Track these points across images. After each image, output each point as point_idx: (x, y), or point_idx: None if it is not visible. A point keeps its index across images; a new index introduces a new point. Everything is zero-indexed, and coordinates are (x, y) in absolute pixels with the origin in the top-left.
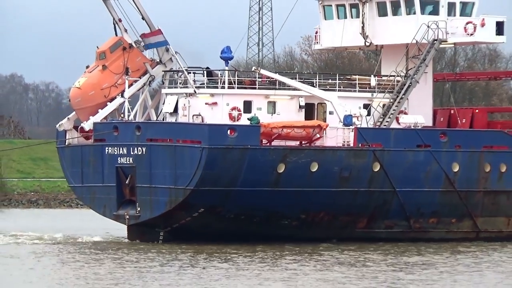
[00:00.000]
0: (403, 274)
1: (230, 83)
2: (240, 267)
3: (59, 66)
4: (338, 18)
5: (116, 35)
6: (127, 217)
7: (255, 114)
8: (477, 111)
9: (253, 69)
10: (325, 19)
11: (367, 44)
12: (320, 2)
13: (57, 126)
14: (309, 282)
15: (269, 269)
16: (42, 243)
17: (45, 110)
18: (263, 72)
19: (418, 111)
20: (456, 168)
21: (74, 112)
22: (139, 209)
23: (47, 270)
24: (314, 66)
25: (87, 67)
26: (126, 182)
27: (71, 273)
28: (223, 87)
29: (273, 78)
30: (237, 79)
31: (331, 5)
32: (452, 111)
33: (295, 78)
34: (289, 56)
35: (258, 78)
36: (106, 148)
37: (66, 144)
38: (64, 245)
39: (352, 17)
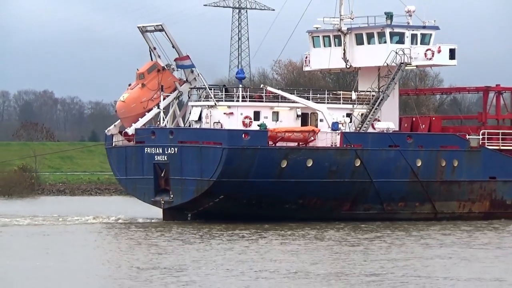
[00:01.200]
0: (353, 247)
1: (243, 97)
2: (253, 239)
3: (81, 84)
4: (324, 46)
5: (152, 60)
6: (163, 202)
7: (263, 122)
8: (433, 118)
9: (261, 87)
10: (314, 47)
11: (348, 66)
12: (310, 34)
13: (106, 131)
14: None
15: (267, 243)
16: (89, 224)
17: (70, 119)
18: (269, 89)
19: (388, 119)
20: (419, 163)
21: (119, 120)
22: (172, 196)
23: (110, 244)
24: (281, 83)
25: (129, 85)
26: (162, 175)
27: (132, 245)
28: (237, 100)
29: (276, 93)
30: (248, 94)
31: (318, 36)
32: (414, 119)
33: (294, 93)
34: (262, 76)
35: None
36: (145, 148)
37: (113, 145)
38: (113, 225)
39: (335, 46)
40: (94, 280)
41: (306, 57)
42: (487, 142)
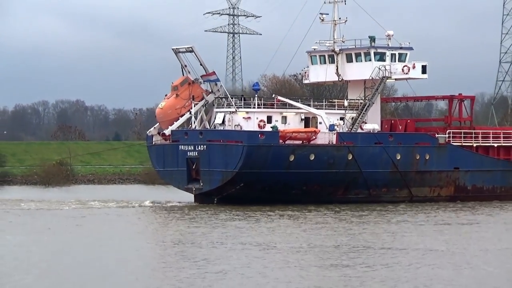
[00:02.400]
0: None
1: (258, 105)
2: (267, 219)
3: (107, 94)
4: (321, 63)
5: (183, 75)
6: (194, 189)
7: (274, 124)
8: (409, 121)
9: (272, 96)
10: (312, 64)
11: (340, 80)
12: (308, 53)
13: (147, 132)
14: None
15: (278, 223)
16: (127, 207)
17: (97, 123)
18: (279, 98)
19: (373, 122)
20: (398, 157)
21: (158, 124)
22: (202, 184)
23: (155, 224)
24: (267, 93)
25: (166, 95)
26: (193, 167)
27: (173, 224)
28: (254, 107)
29: (284, 101)
30: (262, 102)
31: (316, 55)
32: (392, 121)
33: (298, 101)
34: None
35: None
36: (180, 146)
37: (153, 143)
38: (151, 208)
39: (330, 63)
40: (160, 246)
41: (306, 72)
42: (452, 140)
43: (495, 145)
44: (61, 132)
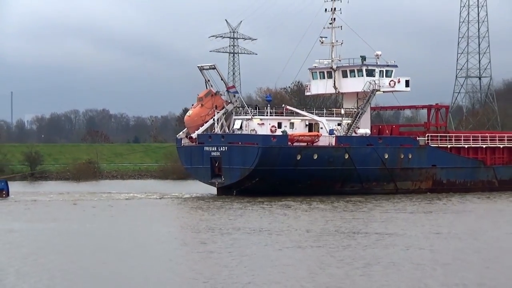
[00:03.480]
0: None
1: (270, 113)
2: (279, 208)
3: (127, 104)
4: (320, 78)
5: (207, 88)
6: (217, 183)
7: (284, 129)
8: (394, 126)
9: (282, 106)
10: (313, 79)
11: (337, 92)
12: (310, 70)
13: (177, 135)
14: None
15: (287, 211)
16: (157, 199)
17: (120, 128)
18: (288, 107)
19: (365, 127)
20: (386, 156)
21: (185, 128)
22: (223, 179)
23: (186, 213)
24: (262, 102)
25: (193, 104)
26: (216, 165)
27: (202, 213)
28: (266, 115)
29: (292, 110)
30: (274, 111)
31: (316, 71)
32: (380, 126)
33: (303, 110)
34: (249, 98)
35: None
36: (205, 147)
37: (182, 145)
38: (178, 199)
39: (328, 78)
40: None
41: (307, 86)
42: (430, 142)
43: (466, 146)
44: (90, 136)
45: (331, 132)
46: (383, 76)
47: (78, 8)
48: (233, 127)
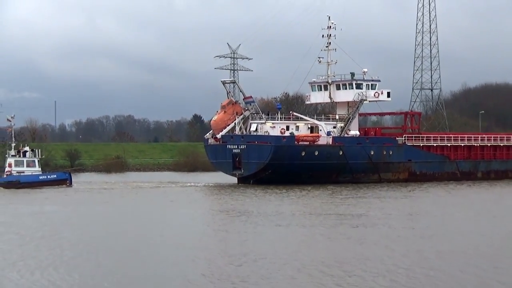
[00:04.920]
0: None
1: (280, 118)
2: (288, 194)
3: (148, 110)
4: (318, 90)
5: (228, 98)
6: (237, 174)
7: (291, 131)
8: (377, 129)
9: (290, 112)
10: (312, 91)
11: (332, 101)
12: (310, 83)
13: (205, 136)
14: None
15: (293, 197)
16: (186, 187)
17: (143, 130)
18: (294, 113)
19: (354, 129)
20: (372, 153)
21: (211, 130)
22: (242, 171)
23: (210, 199)
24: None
25: (217, 111)
26: (237, 160)
27: (228, 197)
28: (277, 120)
29: (298, 116)
30: (284, 116)
31: (315, 85)
32: (366, 129)
33: (306, 116)
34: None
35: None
36: (227, 145)
37: (209, 144)
38: (205, 187)
39: (324, 90)
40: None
41: (308, 96)
42: (406, 141)
43: (434, 144)
44: (118, 136)
45: (328, 133)
46: (369, 89)
47: (103, 33)
48: (250, 129)
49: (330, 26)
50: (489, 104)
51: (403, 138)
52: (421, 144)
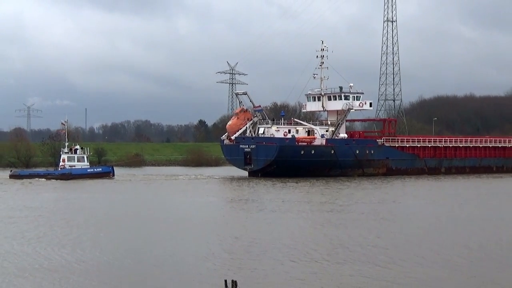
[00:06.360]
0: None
1: (283, 123)
2: (291, 186)
3: (161, 116)
4: (313, 101)
5: (240, 106)
6: (248, 169)
7: (293, 134)
8: (361, 132)
9: (291, 119)
10: (308, 101)
11: (324, 110)
12: (306, 95)
13: (221, 137)
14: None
15: (296, 187)
16: (199, 179)
17: (157, 133)
18: (296, 120)
19: (343, 133)
20: (357, 152)
21: (227, 133)
22: (252, 166)
23: (225, 188)
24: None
25: (232, 117)
26: (248, 157)
27: (239, 187)
28: (281, 124)
29: (298, 122)
30: (286, 121)
31: (310, 96)
32: (351, 132)
33: (305, 121)
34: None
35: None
36: (240, 145)
37: (224, 144)
38: (217, 179)
39: (318, 100)
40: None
41: (304, 105)
42: (385, 142)
43: (407, 145)
44: (137, 137)
45: (322, 136)
46: (355, 100)
47: (120, 52)
48: (258, 132)
49: (323, 49)
50: (440, 112)
51: (382, 140)
52: (397, 145)
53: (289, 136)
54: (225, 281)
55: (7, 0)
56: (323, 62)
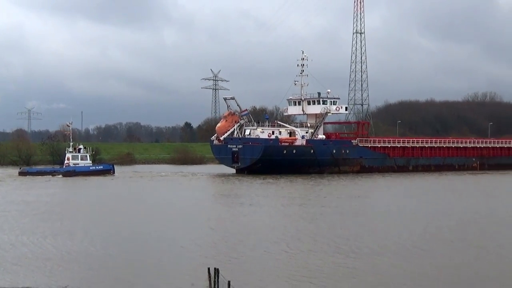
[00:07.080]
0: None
1: (267, 125)
2: (275, 183)
3: (151, 118)
4: (294, 105)
5: (228, 110)
6: (235, 167)
7: (276, 135)
8: (337, 133)
9: (275, 121)
10: (289, 105)
11: (304, 113)
12: (288, 100)
13: (211, 138)
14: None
15: (283, 185)
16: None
17: (146, 134)
18: (279, 122)
19: (321, 134)
20: (334, 151)
21: (216, 134)
22: (239, 164)
23: (214, 184)
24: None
25: (221, 120)
26: (235, 156)
27: (226, 183)
28: (265, 127)
29: (281, 124)
30: (270, 124)
31: (291, 101)
32: (329, 133)
33: (287, 124)
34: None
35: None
36: (228, 145)
37: (214, 144)
38: (204, 176)
39: (298, 105)
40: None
41: (286, 109)
42: (359, 143)
43: (379, 145)
44: (128, 138)
45: (302, 137)
46: (332, 104)
47: (112, 61)
48: (244, 133)
49: (303, 58)
50: (404, 116)
51: (357, 141)
52: (369, 145)
53: (273, 137)
54: (208, 269)
55: (10, 12)
56: (303, 70)
